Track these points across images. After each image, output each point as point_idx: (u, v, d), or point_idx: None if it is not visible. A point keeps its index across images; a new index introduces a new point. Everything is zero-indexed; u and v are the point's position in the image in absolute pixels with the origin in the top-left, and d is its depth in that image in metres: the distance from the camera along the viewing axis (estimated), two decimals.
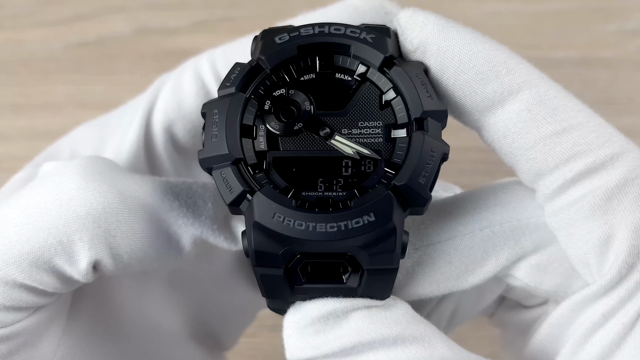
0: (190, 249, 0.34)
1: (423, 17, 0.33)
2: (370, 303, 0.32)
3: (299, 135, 0.33)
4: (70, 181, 0.32)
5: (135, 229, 0.33)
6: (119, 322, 0.40)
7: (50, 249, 0.31)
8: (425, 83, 0.32)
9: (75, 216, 0.31)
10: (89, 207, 0.32)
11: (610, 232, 0.32)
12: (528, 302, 0.38)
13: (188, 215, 0.34)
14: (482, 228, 0.34)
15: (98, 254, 0.32)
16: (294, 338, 0.32)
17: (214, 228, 0.35)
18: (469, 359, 0.32)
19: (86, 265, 0.32)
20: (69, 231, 0.32)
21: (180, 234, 0.34)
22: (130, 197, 0.33)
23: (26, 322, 0.33)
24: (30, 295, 0.32)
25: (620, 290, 0.32)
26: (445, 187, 0.42)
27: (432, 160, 0.31)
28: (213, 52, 0.40)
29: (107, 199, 0.32)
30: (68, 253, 0.32)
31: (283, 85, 0.33)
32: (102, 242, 0.32)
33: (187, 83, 0.39)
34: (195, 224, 0.34)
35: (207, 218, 0.35)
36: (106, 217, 0.32)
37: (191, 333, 0.44)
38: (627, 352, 0.32)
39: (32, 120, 0.67)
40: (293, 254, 0.31)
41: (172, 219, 0.34)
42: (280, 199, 0.31)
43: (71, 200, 0.32)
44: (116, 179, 0.33)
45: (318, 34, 0.33)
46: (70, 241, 0.32)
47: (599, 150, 0.32)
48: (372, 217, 0.30)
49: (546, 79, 0.33)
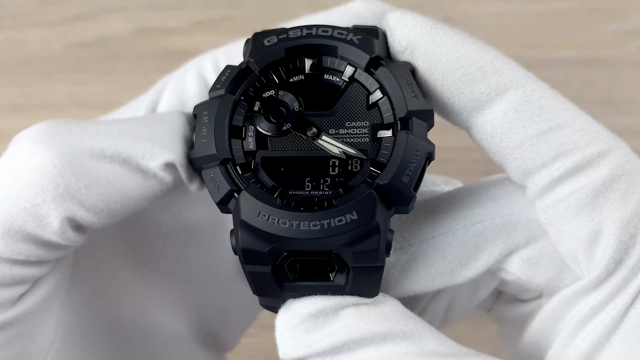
0: (165, 175, 0.34)
1: (411, 18, 0.33)
2: (359, 301, 0.33)
3: (287, 135, 0.33)
4: (21, 149, 0.32)
5: (99, 175, 0.33)
6: (119, 321, 0.40)
7: (17, 217, 0.32)
8: (411, 83, 0.33)
9: (30, 180, 0.32)
10: (42, 169, 0.32)
11: (597, 228, 0.32)
12: (523, 296, 0.39)
13: (152, 147, 0.34)
14: (474, 223, 0.35)
15: (67, 210, 0.32)
16: (285, 337, 0.32)
17: (178, 153, 0.34)
18: (460, 352, 0.32)
19: (59, 224, 0.32)
20: (29, 196, 0.32)
21: (147, 164, 0.33)
22: (84, 147, 0.33)
23: (20, 309, 0.33)
24: (14, 267, 0.33)
25: (608, 285, 0.33)
26: (447, 182, 0.43)
27: (416, 160, 0.31)
28: (216, 52, 0.40)
29: (57, 156, 0.32)
30: (36, 217, 0.32)
31: (272, 86, 0.34)
32: (67, 198, 0.32)
33: (190, 84, 0.39)
34: (158, 153, 0.34)
35: (169, 145, 0.34)
36: (62, 173, 0.32)
37: (193, 334, 0.44)
38: (615, 345, 0.32)
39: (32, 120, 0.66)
40: (279, 252, 0.31)
41: (135, 153, 0.33)
42: (265, 198, 0.31)
43: (25, 166, 0.32)
44: (66, 134, 0.33)
45: (306, 36, 0.34)
46: (34, 205, 0.32)
47: (585, 148, 0.32)
48: (355, 215, 0.31)
49: (533, 79, 0.33)
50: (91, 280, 0.38)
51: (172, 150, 0.33)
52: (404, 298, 0.35)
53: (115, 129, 0.33)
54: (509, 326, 0.41)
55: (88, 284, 0.38)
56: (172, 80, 0.40)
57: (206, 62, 0.40)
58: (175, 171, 0.34)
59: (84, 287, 0.38)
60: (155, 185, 0.34)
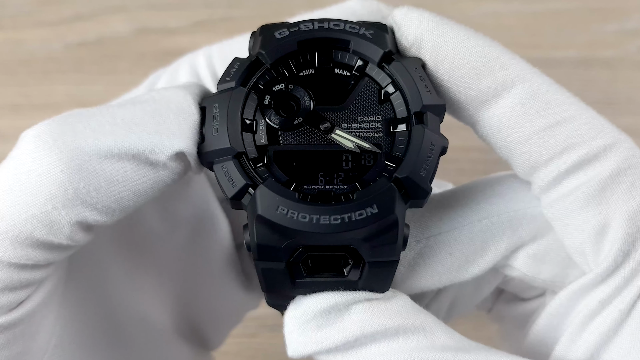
0: (175, 164, 0.33)
1: (418, 14, 0.34)
2: (371, 296, 0.33)
3: (299, 129, 0.33)
4: (25, 153, 0.32)
5: (108, 175, 0.32)
6: (109, 311, 0.40)
7: (26, 224, 0.31)
8: (424, 78, 0.33)
9: (38, 187, 0.31)
10: (48, 175, 0.31)
11: (605, 221, 0.33)
12: (525, 294, 0.39)
13: (161, 139, 0.33)
14: (480, 219, 0.35)
15: (79, 214, 0.32)
16: (295, 334, 0.32)
17: (188, 141, 0.33)
18: (470, 346, 0.32)
19: (69, 229, 0.32)
20: (38, 203, 0.31)
21: (157, 157, 0.32)
22: (89, 148, 0.32)
23: (24, 309, 0.33)
24: (22, 272, 0.32)
25: (616, 277, 0.33)
26: (439, 185, 0.43)
27: (433, 154, 0.32)
28: (210, 49, 0.40)
29: (63, 160, 0.31)
30: (46, 224, 0.31)
31: (282, 80, 0.33)
32: (78, 203, 0.31)
33: (182, 78, 0.39)
34: (167, 144, 0.33)
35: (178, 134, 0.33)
36: (70, 178, 0.31)
37: (178, 328, 0.44)
38: (624, 338, 0.32)
39: (32, 120, 0.66)
40: (295, 247, 0.31)
41: (144, 148, 0.32)
42: (284, 192, 0.31)
43: (30, 172, 0.31)
44: (70, 135, 0.32)
45: (318, 29, 0.33)
46: (43, 212, 0.31)
47: (592, 141, 0.32)
48: (375, 209, 0.30)
49: (539, 74, 0.33)
50: (85, 274, 0.38)
51: (182, 139, 0.32)
52: (409, 295, 0.35)
53: (120, 121, 0.32)
54: (509, 326, 0.41)
55: (82, 278, 0.38)
56: (164, 74, 0.40)
57: (200, 57, 0.40)
58: (185, 158, 0.33)
59: (78, 282, 0.38)
60: (166, 175, 0.33)
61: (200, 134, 0.33)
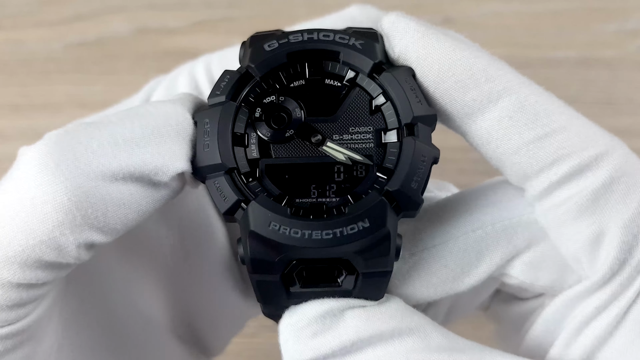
0: (175, 183, 0.33)
1: (404, 23, 0.33)
2: (365, 302, 0.33)
3: (291, 142, 0.33)
4: (29, 178, 0.31)
5: (114, 199, 0.32)
6: (109, 314, 0.40)
7: (34, 249, 0.31)
8: (415, 88, 0.33)
9: (44, 214, 0.31)
10: (55, 203, 0.31)
11: (599, 230, 0.32)
12: (523, 294, 0.39)
13: (163, 161, 0.32)
14: (474, 229, 0.35)
15: (87, 238, 0.32)
16: (291, 342, 0.32)
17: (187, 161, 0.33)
18: (465, 345, 0.32)
19: (76, 252, 0.32)
20: (45, 229, 0.31)
21: (160, 178, 0.32)
22: (93, 172, 0.31)
23: (32, 317, 0.33)
24: (31, 290, 0.32)
25: (612, 284, 0.33)
26: (440, 187, 0.43)
27: (424, 165, 0.32)
28: (209, 57, 0.40)
29: (69, 188, 0.31)
30: (54, 248, 0.31)
31: (273, 92, 0.33)
32: (85, 228, 0.31)
33: (181, 86, 0.39)
34: (170, 167, 0.33)
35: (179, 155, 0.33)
36: (77, 206, 0.31)
37: (177, 333, 0.44)
38: (617, 340, 0.33)
39: (32, 120, 0.67)
40: (289, 261, 0.31)
41: (148, 171, 0.32)
42: (275, 208, 0.31)
43: (34, 199, 0.31)
44: (72, 158, 0.31)
45: (307, 40, 0.33)
46: (51, 238, 0.31)
47: (583, 152, 0.32)
48: (367, 223, 0.31)
49: (527, 84, 0.33)
50: (85, 278, 0.38)
51: (183, 160, 0.32)
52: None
53: (121, 141, 0.32)
54: (506, 326, 0.41)
55: (82, 282, 0.38)
56: (164, 81, 0.40)
57: (199, 66, 0.40)
58: (184, 176, 0.33)
59: (79, 282, 0.38)
60: (167, 193, 0.33)
61: (193, 149, 0.33)
